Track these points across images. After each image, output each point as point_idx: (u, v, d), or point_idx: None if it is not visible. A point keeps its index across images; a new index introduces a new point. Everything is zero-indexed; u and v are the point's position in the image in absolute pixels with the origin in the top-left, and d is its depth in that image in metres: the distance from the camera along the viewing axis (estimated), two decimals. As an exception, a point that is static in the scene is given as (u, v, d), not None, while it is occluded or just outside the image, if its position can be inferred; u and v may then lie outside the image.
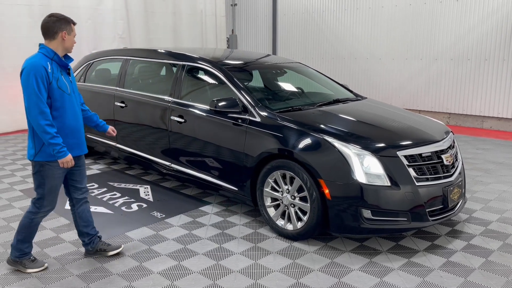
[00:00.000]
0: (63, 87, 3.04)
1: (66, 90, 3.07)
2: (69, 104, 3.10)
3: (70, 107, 3.11)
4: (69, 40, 3.08)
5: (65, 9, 8.57)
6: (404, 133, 3.74)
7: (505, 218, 4.17)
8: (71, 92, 3.12)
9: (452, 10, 8.51)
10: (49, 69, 2.97)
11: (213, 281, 3.10)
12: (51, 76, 2.98)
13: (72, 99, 3.13)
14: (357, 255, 3.48)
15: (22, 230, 3.20)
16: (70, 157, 3.03)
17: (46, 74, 2.94)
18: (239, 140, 3.96)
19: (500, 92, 8.17)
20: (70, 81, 3.14)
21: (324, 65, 10.63)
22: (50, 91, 2.98)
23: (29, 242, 3.26)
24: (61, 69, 3.09)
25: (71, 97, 3.11)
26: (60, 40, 3.04)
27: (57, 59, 3.06)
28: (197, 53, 4.93)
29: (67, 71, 3.15)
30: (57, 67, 3.05)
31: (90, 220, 3.43)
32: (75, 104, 3.17)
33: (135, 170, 5.75)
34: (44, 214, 3.22)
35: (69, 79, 3.14)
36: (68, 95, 3.08)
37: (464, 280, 3.11)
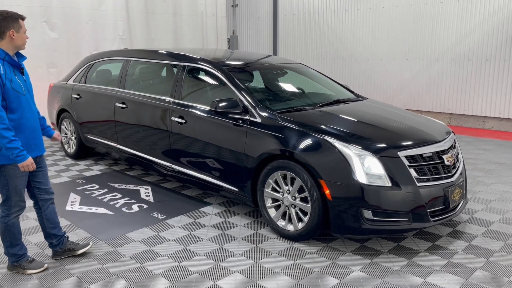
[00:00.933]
0: (17, 88, 2.94)
1: (21, 90, 2.97)
2: (26, 104, 3.00)
3: (27, 107, 3.01)
4: (19, 37, 2.98)
5: (66, 10, 8.58)
6: (405, 134, 3.73)
7: (507, 219, 4.15)
8: (26, 92, 3.02)
9: (453, 11, 8.50)
10: (1, 70, 2.87)
11: (214, 282, 3.10)
12: (4, 78, 2.87)
13: (28, 99, 3.03)
14: (358, 255, 3.47)
15: (4, 236, 3.16)
16: (30, 160, 2.95)
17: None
18: (239, 140, 3.96)
19: (502, 92, 8.16)
20: (24, 81, 3.04)
21: (324, 65, 10.62)
22: (4, 93, 2.87)
23: (18, 244, 3.20)
24: (14, 69, 2.98)
25: (26, 97, 3.01)
26: (8, 39, 2.93)
27: (9, 59, 2.94)
28: (198, 53, 4.93)
29: (20, 70, 3.04)
30: (9, 68, 2.94)
31: (57, 221, 3.38)
32: (32, 104, 3.08)
33: (136, 171, 5.74)
34: (15, 216, 3.14)
35: (23, 78, 3.04)
36: (24, 95, 2.98)
37: (465, 280, 3.10)
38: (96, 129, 5.79)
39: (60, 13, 8.51)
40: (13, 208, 3.11)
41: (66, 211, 4.40)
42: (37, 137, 3.13)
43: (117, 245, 3.66)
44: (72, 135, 6.27)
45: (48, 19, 8.37)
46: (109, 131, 5.55)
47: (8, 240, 3.16)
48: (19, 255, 3.21)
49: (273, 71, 5.18)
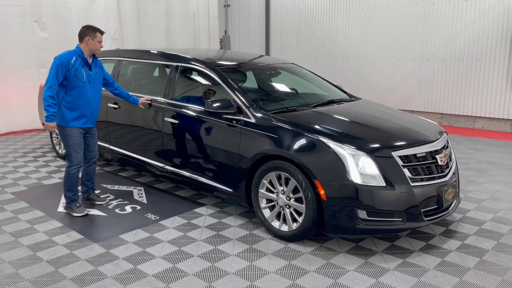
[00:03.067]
0: (79, 76, 4.05)
1: (82, 79, 4.07)
2: (82, 89, 4.09)
3: (83, 92, 4.10)
4: (93, 44, 4.11)
5: (56, 9, 8.51)
6: (398, 134, 3.74)
7: (499, 218, 4.19)
8: (87, 82, 4.11)
9: (444, 11, 8.57)
10: (72, 60, 4.03)
11: (209, 283, 3.09)
12: (71, 66, 4.01)
13: (86, 87, 4.11)
14: (353, 255, 3.47)
15: (65, 182, 4.23)
16: (53, 124, 3.99)
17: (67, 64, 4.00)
18: (233, 141, 3.95)
19: (492, 92, 8.24)
20: (89, 74, 4.14)
21: (317, 65, 10.65)
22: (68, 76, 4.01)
23: (73, 191, 4.24)
24: (84, 64, 4.10)
25: (85, 86, 4.10)
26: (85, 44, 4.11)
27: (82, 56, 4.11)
28: (191, 53, 4.91)
29: (89, 67, 4.15)
30: (81, 61, 4.08)
31: (92, 177, 4.51)
32: (89, 91, 4.14)
33: (129, 172, 5.71)
34: (75, 168, 4.17)
35: (89, 72, 4.14)
36: (84, 83, 4.08)
37: (459, 279, 3.12)
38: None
39: (51, 13, 8.44)
40: (73, 162, 4.16)
41: (58, 212, 4.36)
42: (87, 114, 4.17)
43: (111, 247, 3.63)
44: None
45: (38, 19, 8.30)
46: (101, 132, 5.50)
47: (66, 185, 4.22)
48: (71, 199, 4.26)
49: (266, 71, 5.18)
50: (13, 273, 3.22)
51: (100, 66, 4.32)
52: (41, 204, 4.58)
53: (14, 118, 8.29)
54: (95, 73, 4.21)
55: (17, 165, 6.07)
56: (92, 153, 4.40)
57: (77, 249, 3.59)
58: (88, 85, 4.12)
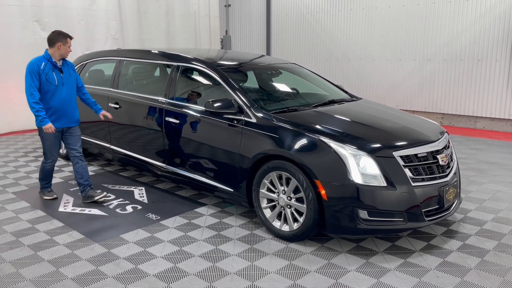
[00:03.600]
0: (51, 80, 4.27)
1: (54, 82, 4.29)
2: (56, 92, 4.31)
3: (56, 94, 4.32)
4: (64, 49, 4.30)
5: (57, 9, 8.51)
6: (400, 134, 3.74)
7: (500, 218, 4.19)
8: (59, 85, 4.32)
9: (445, 11, 8.56)
10: (41, 66, 4.24)
11: (210, 283, 3.08)
12: (42, 72, 4.23)
13: (59, 90, 4.32)
14: (354, 255, 3.47)
15: (40, 172, 4.67)
16: (49, 125, 4.22)
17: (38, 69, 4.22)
18: (234, 141, 3.95)
19: (493, 92, 8.23)
20: (61, 77, 4.34)
21: (318, 65, 10.65)
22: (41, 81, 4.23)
23: (46, 180, 4.69)
24: (54, 68, 4.30)
25: (59, 88, 4.32)
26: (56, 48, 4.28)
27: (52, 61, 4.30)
28: (191, 53, 4.91)
29: (59, 70, 4.34)
30: (50, 66, 4.28)
31: (85, 175, 4.57)
32: (63, 93, 4.35)
33: (129, 171, 5.71)
34: (50, 164, 4.54)
35: (60, 75, 4.33)
36: (56, 86, 4.29)
37: (460, 280, 3.11)
38: (88, 130, 5.74)
39: (52, 13, 8.44)
40: (48, 159, 4.53)
41: (59, 212, 4.36)
42: (63, 116, 4.39)
43: (112, 247, 3.63)
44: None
45: (39, 19, 8.30)
46: (102, 132, 5.51)
47: (41, 175, 4.66)
48: (45, 186, 4.73)
49: (267, 71, 5.18)
50: (14, 273, 3.23)
51: (72, 67, 4.49)
52: (42, 204, 4.59)
53: (15, 118, 8.29)
54: (68, 75, 4.39)
55: (18, 165, 6.07)
56: (73, 151, 4.53)
57: (78, 249, 3.59)
58: (61, 87, 4.32)
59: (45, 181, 4.68)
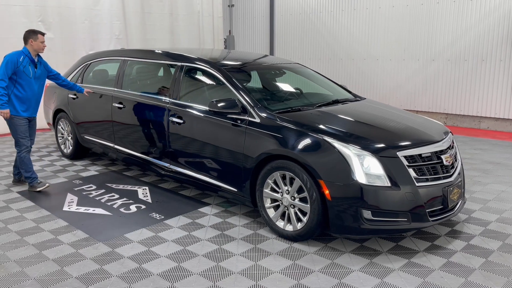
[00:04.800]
0: (27, 72, 4.71)
1: (29, 74, 4.74)
2: (29, 84, 4.76)
3: (30, 86, 4.78)
4: (36, 44, 4.74)
5: (61, 9, 8.54)
6: (404, 134, 3.73)
7: (504, 218, 4.17)
8: (33, 77, 4.78)
9: (449, 11, 8.54)
10: (20, 59, 4.67)
11: (214, 283, 3.09)
12: (20, 64, 4.66)
13: (32, 82, 4.78)
14: (358, 255, 3.47)
15: (20, 165, 4.89)
16: (6, 111, 4.61)
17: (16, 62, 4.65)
18: (238, 141, 3.95)
19: (497, 92, 8.21)
20: (35, 72, 4.79)
21: (321, 65, 10.64)
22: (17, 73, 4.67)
23: (30, 171, 4.90)
24: (30, 62, 4.75)
25: (31, 81, 4.77)
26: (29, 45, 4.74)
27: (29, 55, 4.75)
28: (195, 53, 4.92)
29: (35, 65, 4.79)
30: (28, 60, 4.73)
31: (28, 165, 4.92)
32: (35, 85, 4.83)
33: (133, 171, 5.72)
34: (25, 151, 4.84)
35: (35, 70, 4.79)
36: (30, 79, 4.75)
37: (464, 280, 3.11)
38: (93, 129, 5.76)
39: (56, 13, 8.47)
40: (22, 146, 4.83)
41: (63, 211, 4.38)
42: (32, 105, 4.85)
43: (116, 246, 3.64)
44: (68, 135, 6.24)
45: (43, 19, 8.33)
46: (106, 131, 5.53)
47: (23, 167, 4.87)
48: (31, 178, 4.91)
49: (271, 71, 5.18)
50: (19, 272, 3.24)
51: (44, 64, 4.96)
52: (47, 203, 4.61)
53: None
54: (40, 71, 4.88)
55: (23, 165, 6.09)
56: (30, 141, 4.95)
57: (83, 248, 3.60)
58: (33, 81, 4.81)
59: (29, 172, 4.90)
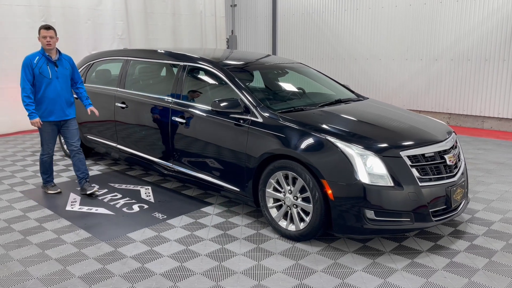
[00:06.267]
0: (44, 74, 4.43)
1: (48, 76, 4.44)
2: (48, 85, 4.46)
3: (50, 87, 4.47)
4: (40, 41, 4.45)
5: (65, 9, 8.56)
6: (407, 134, 3.72)
7: (508, 219, 4.16)
8: (54, 78, 4.47)
9: (452, 11, 8.51)
10: (34, 61, 4.42)
11: (216, 283, 3.09)
12: (35, 66, 4.42)
13: (53, 83, 4.47)
14: (360, 255, 3.46)
15: (40, 166, 4.81)
16: (36, 120, 4.43)
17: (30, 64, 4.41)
18: (241, 140, 3.95)
19: (501, 92, 8.18)
20: (55, 71, 4.49)
21: (324, 65, 10.63)
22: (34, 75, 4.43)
23: (48, 174, 4.82)
24: (48, 62, 4.47)
25: (52, 81, 4.46)
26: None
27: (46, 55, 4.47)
28: (198, 53, 4.92)
29: (54, 64, 4.49)
30: (45, 60, 4.46)
31: (81, 168, 4.76)
32: (57, 86, 4.49)
33: (136, 171, 5.73)
34: (46, 157, 4.68)
35: (55, 69, 4.48)
36: (49, 79, 4.45)
37: (468, 280, 3.09)
38: (95, 129, 5.77)
39: (59, 13, 8.49)
40: (44, 151, 4.67)
41: (66, 211, 4.39)
42: (58, 108, 4.53)
43: (118, 246, 3.64)
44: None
45: (46, 19, 8.35)
46: (109, 131, 5.53)
47: (41, 169, 4.80)
48: (47, 180, 4.86)
49: (273, 71, 5.17)
50: (22, 271, 3.25)
51: (69, 62, 4.63)
52: (50, 203, 4.62)
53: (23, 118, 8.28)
54: (63, 69, 4.54)
55: (26, 164, 6.11)
56: (71, 146, 4.69)
57: (85, 248, 3.61)
58: (56, 81, 4.48)
59: (46, 174, 4.81)
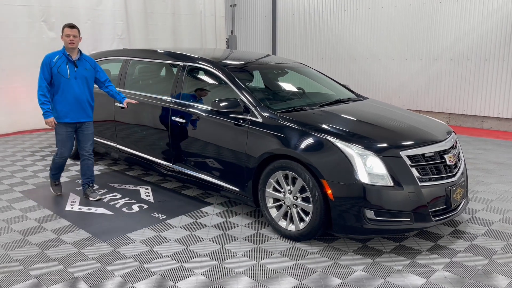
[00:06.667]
0: (63, 73, 4.26)
1: (66, 75, 4.28)
2: (67, 85, 4.30)
3: (68, 88, 4.30)
4: (63, 39, 4.30)
5: (65, 9, 8.55)
6: (406, 133, 3.72)
7: (508, 218, 4.16)
8: (72, 78, 4.30)
9: (452, 11, 8.51)
10: (53, 60, 4.26)
11: (216, 283, 3.09)
12: (53, 65, 4.26)
13: (71, 83, 4.30)
14: (360, 255, 3.46)
15: (51, 165, 4.68)
16: (50, 119, 4.26)
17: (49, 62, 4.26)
18: (240, 140, 3.95)
19: (500, 92, 8.18)
20: (74, 71, 4.31)
21: (323, 65, 10.63)
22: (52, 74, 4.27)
23: (56, 174, 4.72)
24: (68, 61, 4.31)
25: (70, 81, 4.29)
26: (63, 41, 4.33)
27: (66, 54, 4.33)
28: (197, 53, 4.92)
29: (73, 63, 4.33)
30: (65, 59, 4.30)
31: (88, 173, 4.65)
32: (75, 87, 4.33)
33: (136, 171, 5.72)
34: (60, 160, 4.54)
35: (74, 69, 4.31)
36: (68, 79, 4.28)
37: (468, 280, 3.09)
38: (95, 129, 5.73)
39: (59, 13, 8.48)
40: (58, 154, 4.53)
41: (66, 211, 4.38)
42: (75, 109, 4.36)
43: (118, 246, 3.64)
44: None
45: (46, 19, 8.35)
46: (109, 131, 5.53)
47: (52, 168, 4.69)
48: (54, 177, 4.76)
49: (273, 71, 5.17)
50: (21, 271, 3.25)
51: (90, 63, 4.46)
52: (49, 203, 4.61)
53: (22, 118, 8.34)
54: (83, 69, 4.37)
55: (26, 164, 6.11)
56: (82, 150, 4.55)
57: (85, 248, 3.60)
58: (74, 81, 4.30)
59: (54, 171, 4.73)
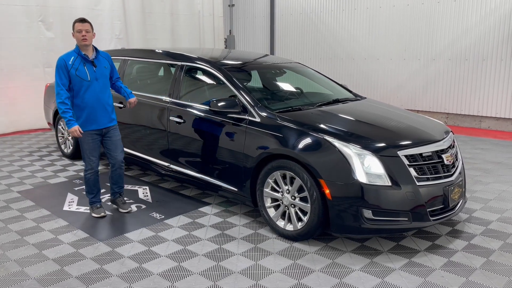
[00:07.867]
0: (82, 76, 3.83)
1: (86, 77, 3.84)
2: (88, 88, 3.86)
3: (89, 91, 3.87)
4: (75, 37, 3.86)
5: (62, 9, 8.54)
6: (404, 133, 3.73)
7: (505, 218, 4.16)
8: (93, 80, 3.87)
9: (450, 10, 8.52)
10: (70, 61, 3.82)
11: (214, 282, 3.08)
12: (70, 67, 3.81)
13: (92, 85, 3.87)
14: (358, 255, 3.46)
15: (84, 184, 4.21)
16: (75, 128, 3.79)
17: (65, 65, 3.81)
18: (238, 140, 3.95)
19: (498, 92, 8.19)
20: (93, 71, 3.89)
21: (321, 65, 10.63)
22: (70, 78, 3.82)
23: (93, 194, 4.18)
24: (84, 61, 3.87)
25: (92, 84, 3.87)
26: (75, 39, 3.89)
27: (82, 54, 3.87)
28: (196, 53, 4.91)
29: (91, 63, 3.90)
30: (81, 60, 3.86)
31: (119, 181, 4.31)
32: (97, 89, 3.90)
33: (134, 171, 5.72)
34: (89, 173, 4.06)
35: (92, 69, 3.89)
36: (88, 82, 3.85)
37: (465, 280, 3.10)
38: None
39: (57, 13, 8.47)
40: (87, 166, 4.06)
41: (63, 211, 4.37)
42: (99, 115, 3.95)
43: (116, 246, 3.64)
44: (68, 135, 6.24)
45: (44, 19, 8.34)
46: (107, 131, 5.52)
47: (86, 188, 4.19)
48: (92, 200, 4.22)
49: (271, 71, 5.17)
50: (19, 271, 3.24)
51: (107, 59, 4.06)
52: (47, 203, 4.60)
53: (20, 118, 8.33)
54: (102, 68, 3.97)
55: (23, 164, 6.10)
56: (114, 159, 4.16)
57: (83, 248, 3.60)
58: (95, 83, 3.88)
59: (91, 194, 4.19)
